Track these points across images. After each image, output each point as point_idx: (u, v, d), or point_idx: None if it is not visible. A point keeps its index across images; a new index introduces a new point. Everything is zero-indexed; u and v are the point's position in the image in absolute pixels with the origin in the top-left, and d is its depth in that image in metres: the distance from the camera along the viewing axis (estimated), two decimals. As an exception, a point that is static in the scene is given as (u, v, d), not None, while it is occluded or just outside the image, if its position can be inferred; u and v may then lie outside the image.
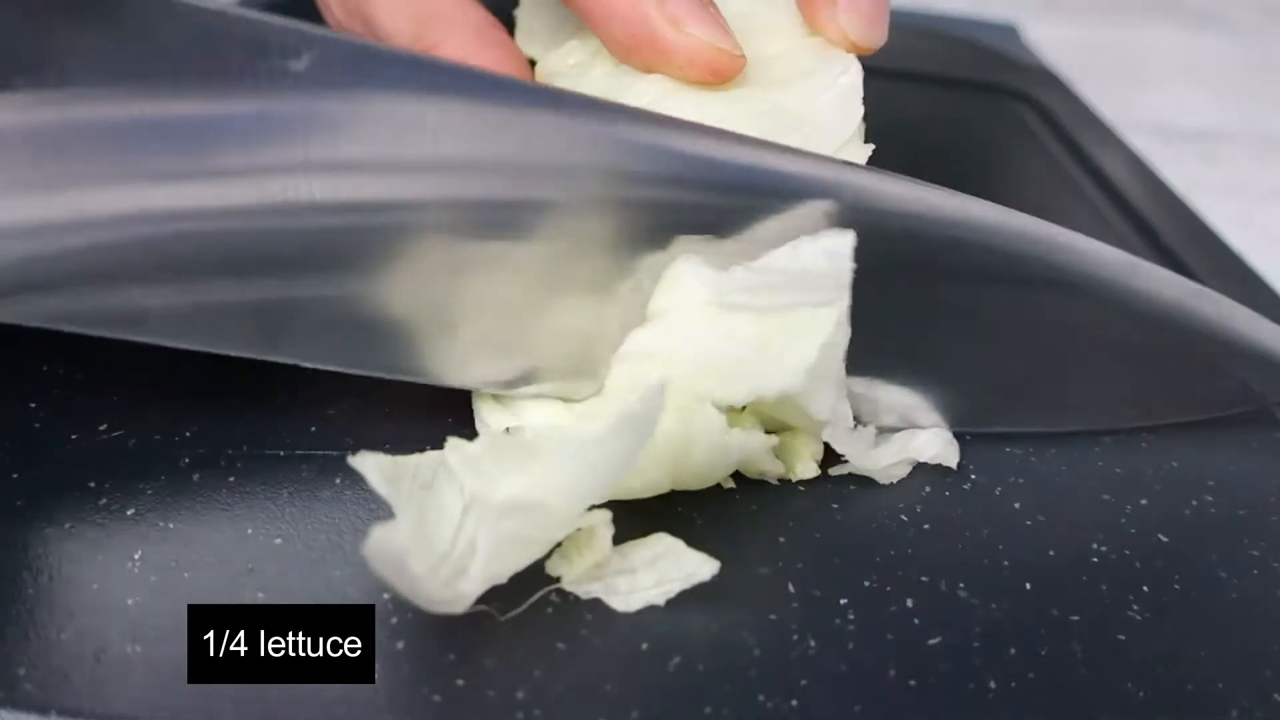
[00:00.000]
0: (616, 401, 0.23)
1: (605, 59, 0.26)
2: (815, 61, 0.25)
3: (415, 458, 0.20)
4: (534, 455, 0.20)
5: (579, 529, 0.20)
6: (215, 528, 0.21)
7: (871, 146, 0.25)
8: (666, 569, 0.20)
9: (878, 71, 0.29)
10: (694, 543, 0.20)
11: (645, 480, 0.22)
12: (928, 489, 0.24)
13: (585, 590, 0.20)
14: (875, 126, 0.27)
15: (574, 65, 0.27)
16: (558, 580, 0.20)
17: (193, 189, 0.20)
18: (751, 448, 0.22)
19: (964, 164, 0.42)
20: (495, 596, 0.19)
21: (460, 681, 0.18)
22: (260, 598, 0.19)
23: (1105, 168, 0.42)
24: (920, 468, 0.24)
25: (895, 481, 0.24)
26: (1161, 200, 0.39)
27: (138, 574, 0.20)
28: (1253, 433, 0.27)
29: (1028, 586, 0.22)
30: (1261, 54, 0.67)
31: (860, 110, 0.25)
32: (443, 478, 0.20)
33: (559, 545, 0.21)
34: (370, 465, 0.19)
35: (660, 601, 0.20)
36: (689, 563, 0.20)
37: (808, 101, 0.24)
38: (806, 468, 0.24)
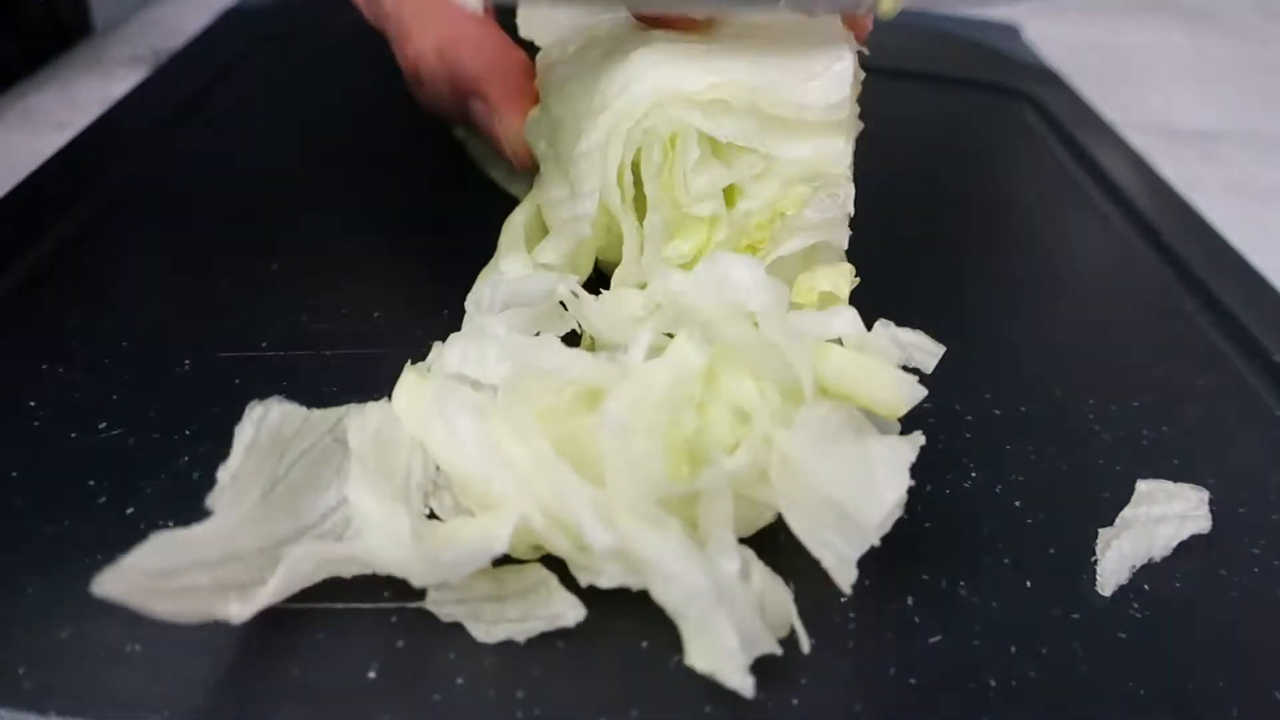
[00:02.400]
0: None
1: (600, 44, 0.26)
2: (813, 46, 0.25)
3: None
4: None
5: None
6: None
7: (859, 126, 0.25)
8: (534, 605, 0.20)
9: (878, 71, 0.29)
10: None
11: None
12: (928, 488, 0.24)
13: (447, 614, 0.19)
14: (876, 126, 0.27)
15: (572, 52, 0.27)
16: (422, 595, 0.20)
17: None
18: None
19: (964, 164, 0.42)
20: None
21: (460, 680, 0.18)
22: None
23: (1105, 167, 0.42)
24: (920, 467, 0.24)
25: None
26: (1162, 199, 0.39)
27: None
28: (1253, 432, 0.27)
29: (1028, 585, 0.22)
30: (1261, 54, 0.67)
31: (844, 95, 0.25)
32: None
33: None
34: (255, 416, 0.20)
35: (520, 639, 0.19)
36: (557, 603, 0.20)
37: (799, 82, 0.25)
38: None
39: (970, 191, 0.39)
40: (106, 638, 0.18)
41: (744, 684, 0.18)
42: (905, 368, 0.22)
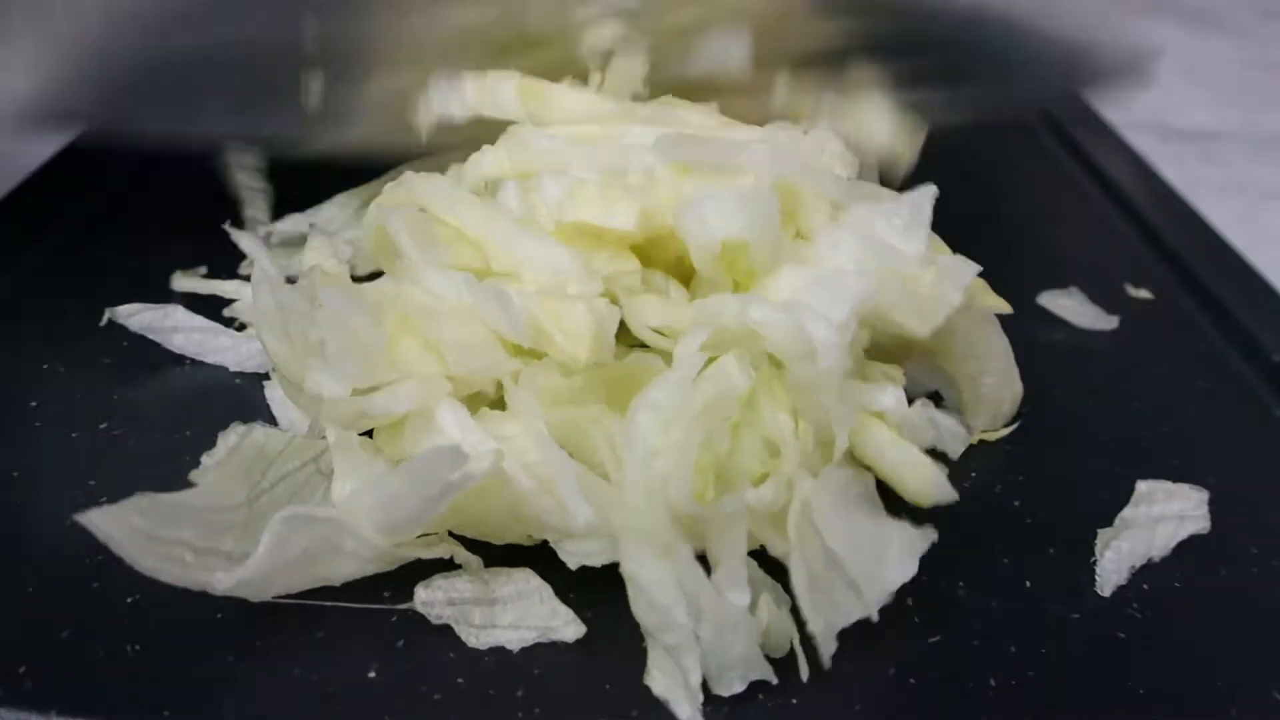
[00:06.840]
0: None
1: None
2: None
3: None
4: (364, 466, 0.19)
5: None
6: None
7: None
8: (527, 612, 0.19)
9: (877, 71, 0.29)
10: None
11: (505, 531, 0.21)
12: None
13: (436, 615, 0.19)
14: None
15: None
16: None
17: None
18: None
19: (964, 164, 0.42)
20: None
21: (460, 680, 0.18)
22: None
23: (1105, 167, 0.42)
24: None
25: None
26: (1162, 200, 0.39)
27: (138, 573, 0.20)
28: (1252, 432, 0.27)
29: (1027, 585, 0.22)
30: (1260, 54, 0.67)
31: None
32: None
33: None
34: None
35: (513, 647, 0.19)
36: (552, 614, 0.19)
37: None
38: None
39: (969, 192, 0.39)
40: (106, 638, 0.18)
41: (693, 718, 0.18)
42: (932, 450, 0.22)
